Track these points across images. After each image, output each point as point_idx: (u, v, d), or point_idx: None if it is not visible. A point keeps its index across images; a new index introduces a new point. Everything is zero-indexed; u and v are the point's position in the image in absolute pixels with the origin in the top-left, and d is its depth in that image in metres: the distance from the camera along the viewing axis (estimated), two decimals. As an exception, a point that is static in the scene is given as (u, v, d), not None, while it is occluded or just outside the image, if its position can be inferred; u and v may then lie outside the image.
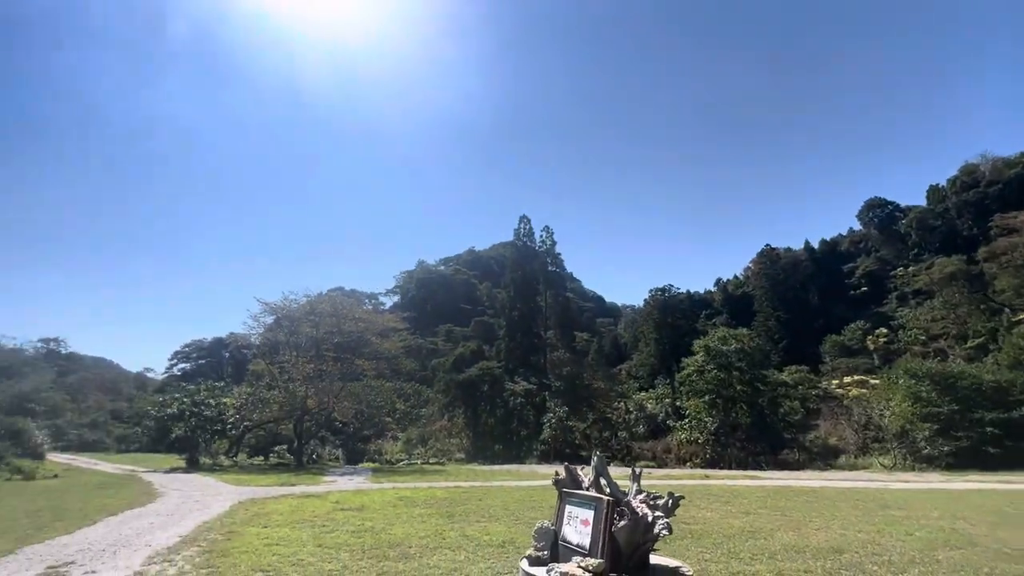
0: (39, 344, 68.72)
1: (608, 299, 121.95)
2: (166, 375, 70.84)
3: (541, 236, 56.55)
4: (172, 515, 11.08)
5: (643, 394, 47.68)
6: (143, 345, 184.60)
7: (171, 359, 71.92)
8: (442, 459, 35.13)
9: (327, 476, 22.58)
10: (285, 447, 35.51)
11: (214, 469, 26.42)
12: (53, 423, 43.30)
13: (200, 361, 69.74)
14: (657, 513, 3.36)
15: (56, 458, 32.83)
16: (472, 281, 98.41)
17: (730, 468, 29.41)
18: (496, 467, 31.08)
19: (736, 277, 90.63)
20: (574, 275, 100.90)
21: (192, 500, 13.67)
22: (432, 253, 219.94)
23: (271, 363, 35.22)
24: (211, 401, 30.99)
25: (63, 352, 71.93)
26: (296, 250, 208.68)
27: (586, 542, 3.26)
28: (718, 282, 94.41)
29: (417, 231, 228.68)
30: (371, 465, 32.46)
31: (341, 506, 12.53)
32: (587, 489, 3.67)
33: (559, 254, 58.18)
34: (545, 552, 3.52)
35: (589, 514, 3.33)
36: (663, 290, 67.29)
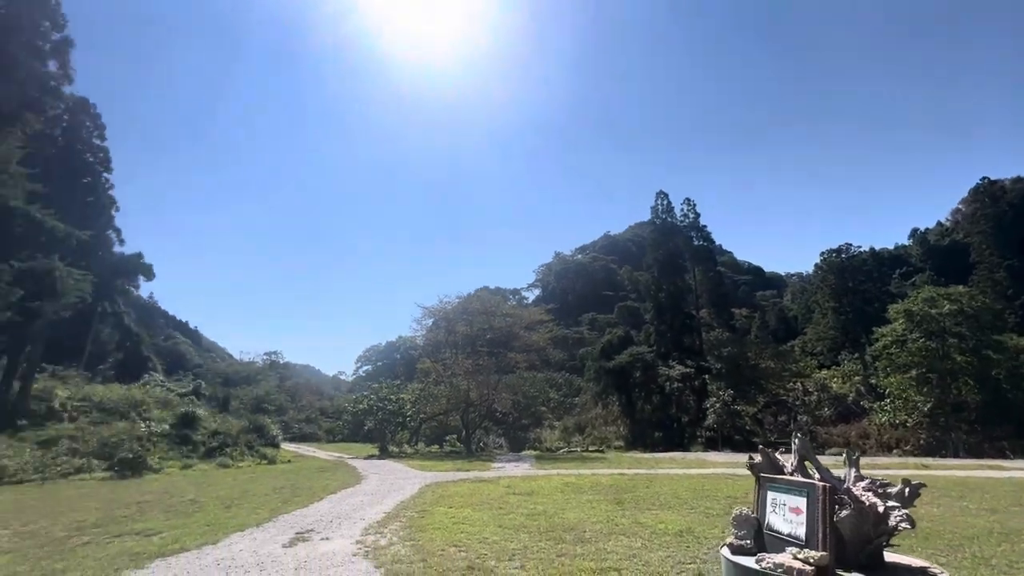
0: (264, 356, 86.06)
1: (767, 269, 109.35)
2: (354, 377, 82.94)
3: (682, 210, 52.94)
4: (375, 495, 12.84)
5: (824, 372, 41.63)
6: (336, 352, 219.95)
7: (356, 363, 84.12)
8: (601, 447, 35.08)
9: (495, 463, 24.08)
10: (455, 436, 38.92)
11: (400, 456, 30.04)
12: (281, 419, 53.68)
13: (378, 363, 79.96)
14: (891, 503, 2.80)
15: (286, 447, 40.65)
16: (611, 266, 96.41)
17: (956, 456, 24.12)
18: (658, 455, 29.98)
19: (940, 224, 73.91)
20: (723, 247, 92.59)
21: (388, 483, 15.69)
22: (567, 244, 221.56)
23: (435, 361, 38.84)
24: (391, 397, 35.33)
25: (280, 362, 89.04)
26: (447, 253, 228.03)
27: (800, 532, 2.85)
28: (914, 233, 78.10)
29: (551, 224, 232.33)
30: (533, 453, 33.82)
31: (513, 491, 13.21)
32: (791, 474, 3.23)
33: (704, 227, 53.77)
34: (748, 541, 3.18)
35: (800, 501, 2.91)
36: (838, 251, 57.99)
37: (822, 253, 62.22)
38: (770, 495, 3.20)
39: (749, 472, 3.54)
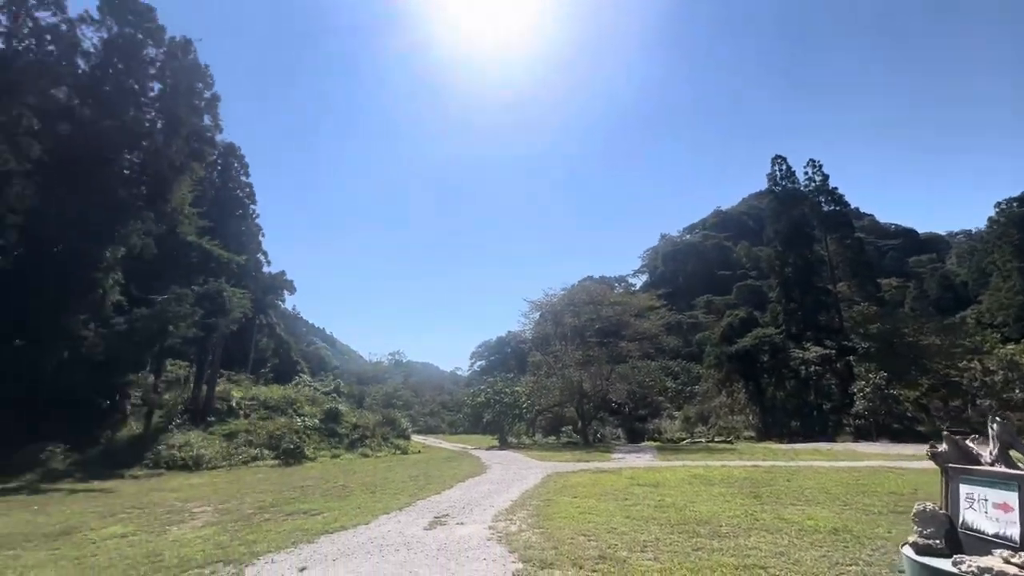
0: (388, 356, 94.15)
1: (922, 230, 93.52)
2: (469, 372, 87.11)
3: (806, 174, 47.31)
4: (501, 483, 13.35)
5: (1011, 347, 34.50)
6: (451, 349, 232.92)
7: (470, 358, 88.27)
8: (728, 437, 32.80)
9: (614, 454, 23.70)
10: (571, 427, 39.04)
11: (519, 447, 30.91)
12: (408, 413, 58.31)
13: (490, 358, 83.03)
14: None
15: (415, 438, 43.98)
16: (724, 244, 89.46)
17: None
18: (797, 445, 27.24)
19: None
20: (861, 211, 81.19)
21: (511, 472, 16.22)
22: (673, 224, 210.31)
23: (545, 354, 39.27)
24: (507, 390, 36.46)
25: (403, 361, 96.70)
26: (550, 247, 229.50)
27: (1012, 532, 2.36)
28: None
29: (654, 206, 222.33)
30: (652, 443, 32.71)
31: (636, 482, 12.88)
32: (991, 465, 2.69)
33: (834, 189, 47.49)
34: (937, 541, 2.71)
35: (1009, 496, 2.41)
36: (1021, 200, 47.64)
37: (998, 204, 51.63)
38: (964, 489, 2.69)
39: (924, 464, 3.02)
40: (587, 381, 33.93)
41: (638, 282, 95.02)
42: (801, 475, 14.12)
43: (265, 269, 47.66)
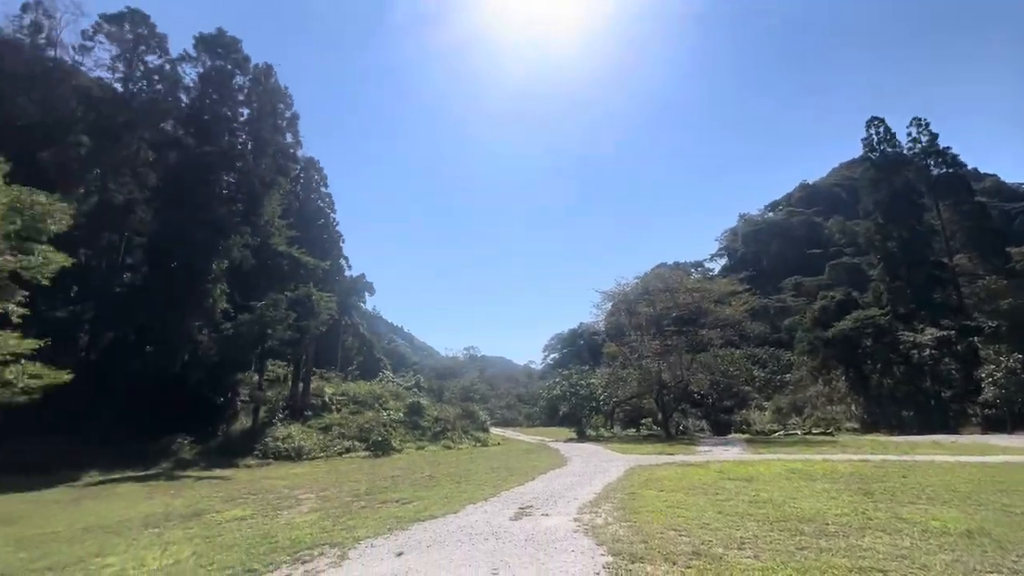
0: (463, 351, 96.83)
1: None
2: (543, 365, 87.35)
3: (909, 135, 42.28)
4: (583, 476, 13.24)
5: None
6: (524, 343, 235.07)
7: (543, 351, 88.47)
8: (827, 429, 30.27)
9: (699, 446, 22.72)
10: (650, 419, 37.93)
11: (598, 439, 30.52)
12: (485, 407, 59.69)
13: (563, 350, 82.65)
14: None
15: (493, 431, 44.89)
16: (813, 220, 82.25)
17: None
18: (912, 438, 24.62)
19: None
20: (980, 171, 71.31)
21: (592, 465, 16.04)
22: (753, 203, 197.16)
23: (620, 344, 38.39)
24: (582, 383, 36.11)
25: (478, 355, 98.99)
26: (618, 235, 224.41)
27: None
28: None
29: (729, 185, 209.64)
30: (741, 436, 30.97)
31: (727, 476, 12.24)
32: None
33: (946, 149, 41.99)
34: None
35: None
36: None
37: None
38: None
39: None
40: (666, 371, 32.73)
41: (716, 266, 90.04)
42: (919, 470, 12.72)
43: (347, 273, 50.67)
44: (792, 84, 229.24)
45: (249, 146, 32.45)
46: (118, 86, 31.41)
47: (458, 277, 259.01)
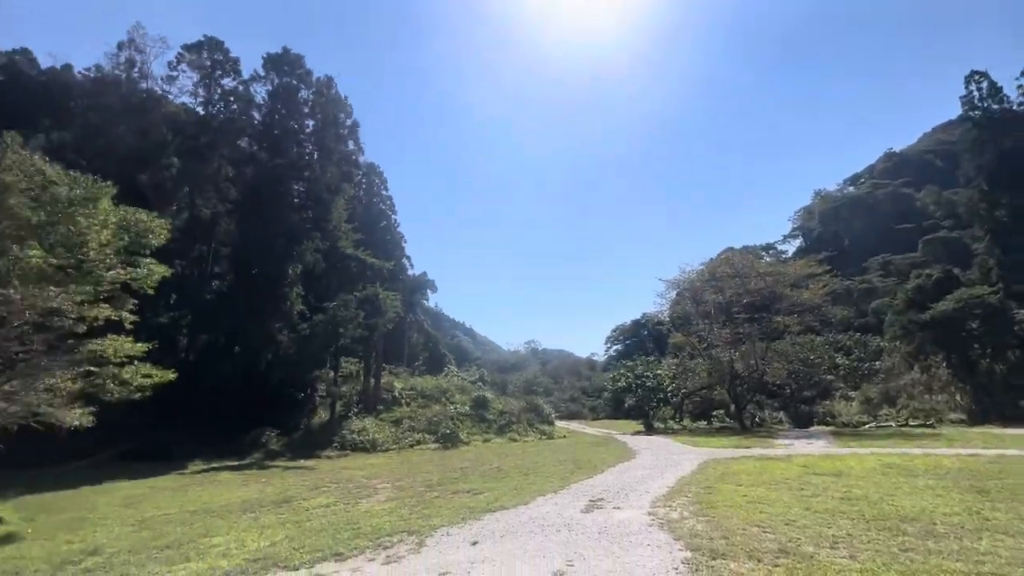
0: (524, 345, 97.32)
1: None
2: (606, 356, 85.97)
3: (1020, 87, 37.21)
4: (654, 469, 12.88)
5: None
6: (585, 335, 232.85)
7: (606, 343, 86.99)
8: (928, 420, 27.56)
9: (778, 439, 21.44)
10: (723, 411, 36.28)
11: (667, 432, 29.61)
12: (549, 400, 59.65)
13: (627, 342, 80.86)
14: None
15: (557, 424, 44.79)
16: (902, 192, 74.72)
17: None
18: (1032, 430, 21.83)
19: None
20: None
21: (662, 458, 15.58)
22: (828, 178, 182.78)
23: (688, 334, 36.95)
24: (648, 374, 35.13)
25: (539, 349, 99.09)
26: (681, 224, 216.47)
27: None
28: None
29: (800, 161, 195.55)
30: (825, 428, 28.89)
31: (812, 470, 11.45)
32: None
33: (1065, 101, 36.66)
34: None
35: None
36: None
37: None
38: None
39: None
40: (738, 361, 31.11)
41: (790, 248, 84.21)
42: (1045, 466, 11.25)
43: (409, 272, 52.40)
44: (867, 48, 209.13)
45: (315, 156, 34.32)
46: (200, 109, 34.27)
47: (518, 271, 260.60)
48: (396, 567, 5.56)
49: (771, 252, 77.41)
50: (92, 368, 11.00)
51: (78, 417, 10.81)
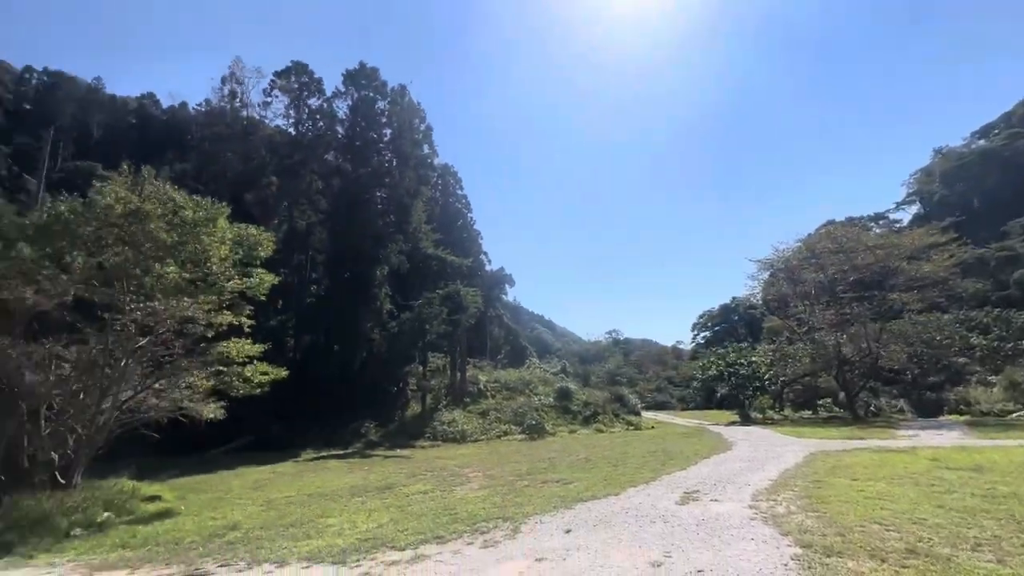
0: (606, 335, 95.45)
1: None
2: (693, 344, 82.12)
3: None
4: (752, 461, 12.14)
5: None
6: (670, 323, 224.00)
7: (692, 330, 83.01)
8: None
9: (900, 430, 19.27)
10: (830, 400, 33.27)
11: (765, 422, 27.72)
12: (634, 390, 58.19)
13: (715, 328, 76.68)
14: None
15: (645, 415, 43.61)
16: (1048, 141, 63.28)
17: None
18: None
19: None
20: None
21: (762, 449, 14.62)
22: (951, 135, 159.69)
23: (785, 317, 34.24)
24: (742, 361, 33.07)
25: (621, 338, 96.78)
26: (770, 201, 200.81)
27: None
28: None
29: (913, 118, 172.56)
30: (958, 418, 25.42)
31: (944, 464, 10.17)
32: None
33: None
34: None
35: None
36: None
37: None
38: None
39: None
40: (847, 345, 28.27)
41: (905, 216, 74.55)
42: None
43: (487, 268, 53.58)
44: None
45: (394, 162, 36.14)
46: (291, 130, 37.46)
47: (595, 261, 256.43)
48: (494, 551, 5.77)
49: (881, 223, 69.13)
50: (221, 368, 12.54)
51: (213, 410, 12.42)
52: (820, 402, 33.82)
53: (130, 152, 33.67)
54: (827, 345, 28.79)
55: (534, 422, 25.75)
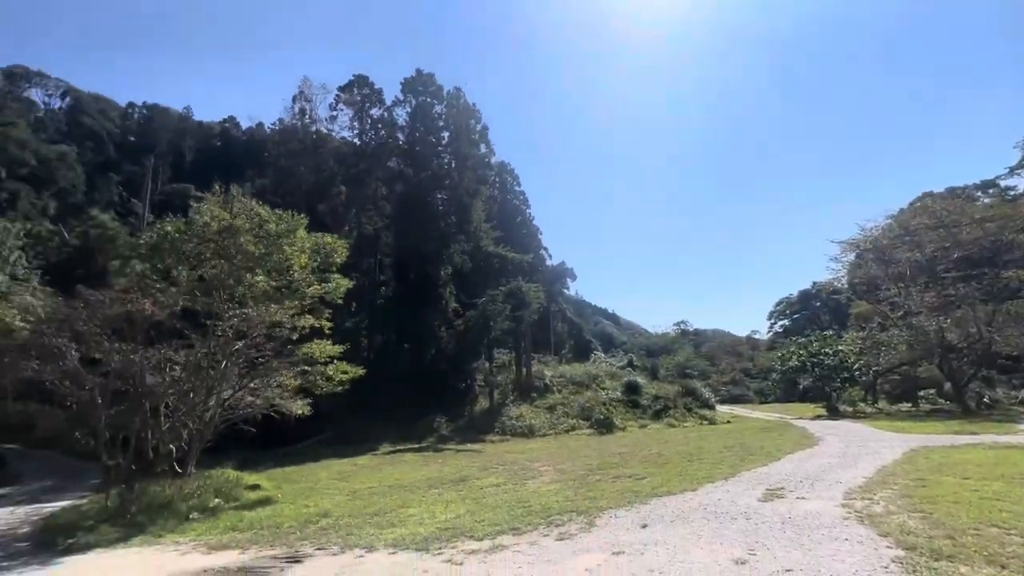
0: (674, 326, 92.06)
1: None
2: (770, 333, 77.39)
3: None
4: (843, 457, 11.32)
5: None
6: (743, 312, 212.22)
7: (769, 319, 78.20)
8: None
9: (1019, 424, 17.16)
10: (932, 391, 30.16)
11: (856, 416, 25.64)
12: (705, 383, 55.78)
13: (794, 316, 71.83)
14: None
15: (720, 409, 41.67)
16: None
17: None
18: None
19: None
20: None
21: (854, 445, 13.58)
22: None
23: (875, 302, 31.42)
24: (827, 350, 30.77)
25: (690, 329, 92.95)
26: (852, 176, 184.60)
27: None
28: None
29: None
30: (1096, 410, 22.21)
31: (1078, 462, 8.96)
32: None
33: None
34: None
35: None
36: None
37: None
38: None
39: None
40: (951, 330, 25.48)
41: (1019, 183, 65.69)
42: None
43: (548, 263, 53.48)
44: None
45: (452, 164, 37.00)
46: (356, 140, 39.37)
47: (661, 251, 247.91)
48: (570, 543, 5.82)
49: (991, 191, 61.44)
50: (306, 367, 13.54)
51: (301, 407, 13.44)
52: (921, 394, 30.78)
53: (217, 172, 36.97)
54: (927, 331, 26.08)
55: (602, 416, 25.47)
